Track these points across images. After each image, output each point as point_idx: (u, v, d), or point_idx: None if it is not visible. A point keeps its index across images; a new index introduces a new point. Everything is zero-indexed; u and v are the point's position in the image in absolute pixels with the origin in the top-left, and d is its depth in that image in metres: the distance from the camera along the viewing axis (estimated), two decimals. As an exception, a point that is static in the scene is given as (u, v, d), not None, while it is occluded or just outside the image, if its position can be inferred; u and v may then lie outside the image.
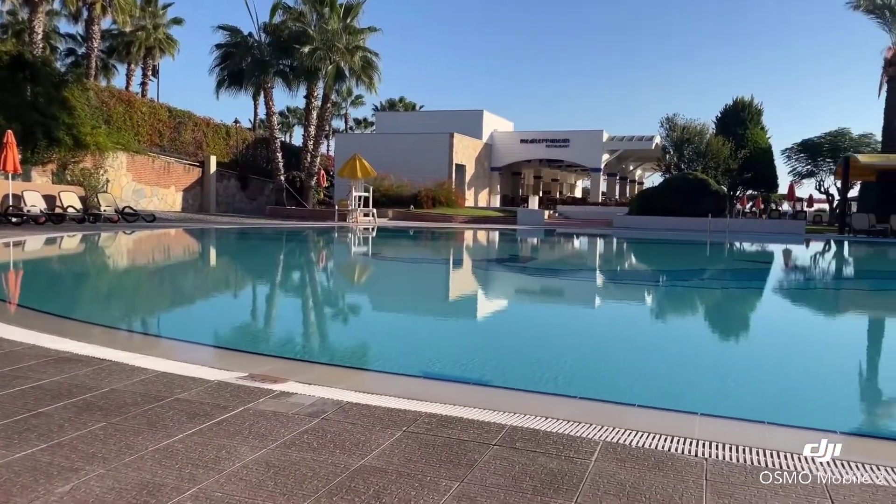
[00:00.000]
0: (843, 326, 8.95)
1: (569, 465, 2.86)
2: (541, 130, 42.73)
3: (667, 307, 9.99)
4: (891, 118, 32.32)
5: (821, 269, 17.24)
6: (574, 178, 60.07)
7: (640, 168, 55.76)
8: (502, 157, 43.04)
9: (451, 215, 31.66)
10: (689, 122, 36.92)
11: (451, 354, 5.77)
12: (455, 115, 41.80)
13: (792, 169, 45.98)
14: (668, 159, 38.05)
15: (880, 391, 5.40)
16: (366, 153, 30.97)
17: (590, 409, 3.99)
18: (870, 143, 41.14)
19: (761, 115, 40.70)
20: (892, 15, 31.80)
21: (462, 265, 16.45)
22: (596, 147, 41.14)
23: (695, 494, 2.61)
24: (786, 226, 31.59)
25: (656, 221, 29.24)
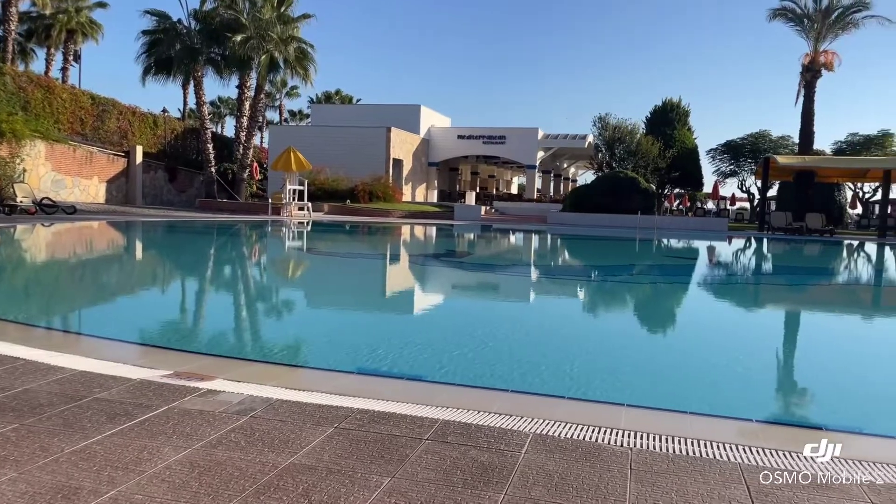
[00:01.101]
0: (760, 319, 9.40)
1: (499, 457, 2.90)
2: (478, 127, 43.04)
3: (598, 302, 10.25)
4: (807, 122, 34.13)
5: (741, 265, 18.05)
6: (510, 174, 60.83)
7: (573, 166, 56.94)
8: (440, 153, 43.13)
9: (388, 210, 31.51)
10: (620, 121, 37.94)
11: (386, 350, 5.75)
12: (392, 109, 41.59)
13: (716, 168, 48.01)
14: (601, 158, 38.99)
15: (795, 381, 5.70)
16: (301, 146, 30.45)
17: (522, 402, 4.05)
18: (788, 144, 43.32)
19: (688, 117, 42.22)
20: (809, 23, 33.51)
21: (399, 260, 16.41)
22: (531, 144, 41.76)
23: (619, 483, 2.68)
24: (710, 223, 32.91)
25: (589, 218, 29.93)
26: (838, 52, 33.86)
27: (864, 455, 3.34)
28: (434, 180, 44.13)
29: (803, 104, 34.12)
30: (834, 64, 33.61)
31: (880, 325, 9.38)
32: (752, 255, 21.09)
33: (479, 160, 48.15)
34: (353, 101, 62.57)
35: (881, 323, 9.56)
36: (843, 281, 14.72)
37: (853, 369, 5.92)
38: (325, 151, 34.70)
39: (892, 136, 43.27)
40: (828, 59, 33.36)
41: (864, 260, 20.26)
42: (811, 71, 33.54)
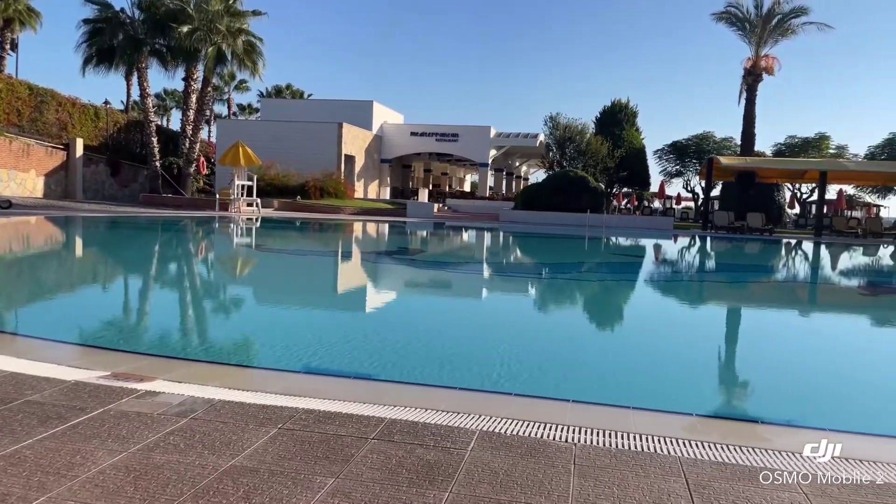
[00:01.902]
0: (702, 315, 9.68)
1: (445, 455, 2.90)
2: (431, 124, 43.01)
3: (547, 299, 10.37)
4: (748, 124, 35.27)
5: (686, 263, 18.55)
6: (463, 172, 61.03)
7: (525, 164, 57.50)
8: (392, 150, 42.94)
9: (339, 207, 31.20)
10: (570, 121, 38.49)
11: (333, 349, 5.69)
12: (345, 104, 41.19)
13: (663, 168, 49.23)
14: (552, 156, 39.47)
15: (733, 376, 5.88)
16: (250, 141, 29.87)
17: (469, 400, 4.06)
18: (730, 146, 44.70)
19: (636, 117, 43.10)
20: (750, 28, 34.61)
21: (349, 258, 16.27)
22: (484, 143, 41.97)
23: (563, 479, 2.71)
24: (656, 222, 33.69)
25: (540, 216, 30.27)
26: (778, 57, 35.15)
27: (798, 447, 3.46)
28: (387, 177, 43.93)
29: (745, 107, 35.25)
30: (774, 68, 34.84)
31: (816, 320, 9.77)
32: (695, 254, 21.69)
33: (433, 157, 48.17)
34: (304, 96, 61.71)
35: (817, 318, 9.95)
36: (781, 278, 15.28)
37: (790, 363, 6.15)
38: (276, 147, 34.13)
39: (828, 138, 45.17)
40: (768, 63, 34.55)
41: (801, 258, 21.08)
42: (753, 74, 34.67)
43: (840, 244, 26.10)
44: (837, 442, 3.76)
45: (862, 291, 12.98)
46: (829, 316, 10.15)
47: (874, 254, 22.83)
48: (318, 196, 32.36)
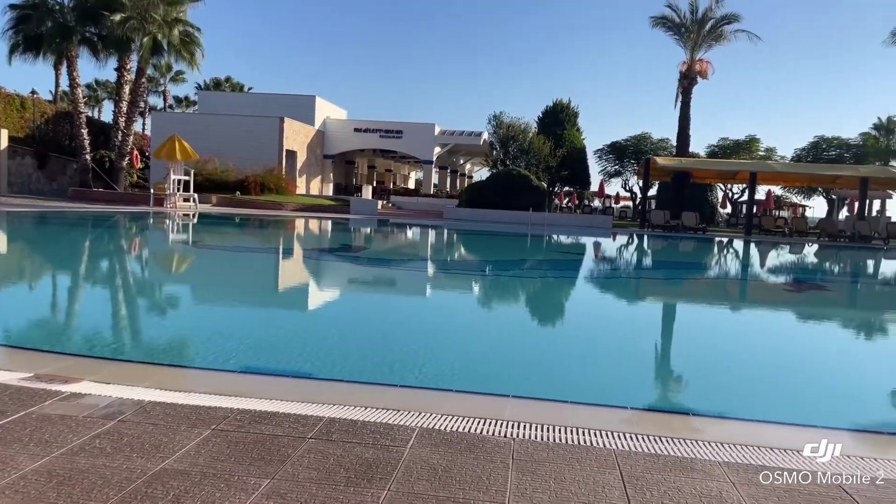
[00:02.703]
0: (639, 311, 9.94)
1: (384, 453, 2.88)
2: (375, 120, 42.70)
3: (489, 296, 10.45)
4: (684, 126, 36.37)
5: (623, 261, 19.01)
6: (407, 169, 60.88)
7: (469, 162, 57.77)
8: (335, 145, 42.43)
9: (280, 203, 30.63)
10: (514, 120, 38.85)
11: (272, 347, 5.58)
12: (286, 99, 40.45)
13: (602, 168, 50.29)
14: (495, 155, 39.78)
15: (667, 369, 6.05)
16: (187, 134, 28.99)
17: (410, 397, 4.05)
18: (667, 147, 46.02)
19: (577, 118, 43.86)
20: (686, 33, 35.71)
21: (290, 255, 16.00)
22: (428, 140, 41.95)
23: (501, 474, 2.73)
24: (596, 220, 34.41)
25: (483, 214, 30.48)
26: (712, 61, 36.36)
27: (727, 437, 3.59)
28: (329, 173, 43.38)
29: (681, 109, 36.33)
30: (708, 72, 36.02)
31: (745, 315, 10.17)
32: (633, 251, 22.26)
33: (377, 154, 47.83)
34: (244, 89, 60.28)
35: (746, 313, 10.36)
36: (714, 275, 15.84)
37: (721, 357, 6.38)
38: (214, 140, 33.23)
39: (758, 140, 47.05)
40: (703, 67, 35.71)
41: (733, 255, 21.90)
42: (688, 78, 35.77)
43: (768, 242, 27.25)
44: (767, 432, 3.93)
45: (788, 288, 13.59)
46: (758, 311, 10.57)
47: (800, 252, 23.94)
48: (258, 192, 31.68)
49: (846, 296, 13.32)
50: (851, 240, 28.22)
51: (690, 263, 18.71)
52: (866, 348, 7.91)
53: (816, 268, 19.31)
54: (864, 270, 19.09)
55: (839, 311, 10.82)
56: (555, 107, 43.11)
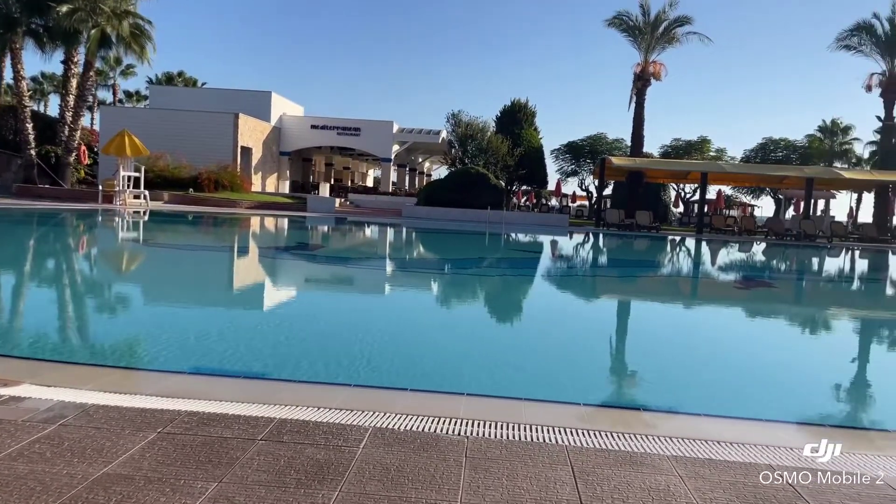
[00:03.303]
0: (594, 308, 10.09)
1: (336, 454, 2.84)
2: (332, 117, 42.30)
3: (448, 294, 10.46)
4: (638, 126, 37.01)
5: (580, 259, 19.27)
6: (366, 167, 60.51)
7: (428, 160, 57.78)
8: (292, 142, 41.89)
9: (235, 200, 30.08)
10: (472, 119, 39.00)
11: (223, 348, 5.46)
12: (241, 94, 39.75)
13: (559, 168, 50.87)
14: (454, 153, 39.86)
15: (621, 366, 6.15)
16: (138, 129, 28.25)
17: (364, 396, 4.01)
18: (622, 147, 46.82)
19: (534, 117, 44.27)
20: (640, 35, 36.35)
21: (246, 253, 15.73)
22: (386, 138, 41.78)
23: (454, 472, 2.73)
24: (553, 219, 34.82)
25: (442, 212, 30.52)
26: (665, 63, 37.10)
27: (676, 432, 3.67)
28: (286, 170, 42.81)
29: (635, 110, 36.95)
30: (661, 73, 36.72)
31: (696, 312, 10.41)
32: (588, 250, 22.59)
33: (334, 151, 47.39)
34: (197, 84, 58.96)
35: (697, 310, 10.61)
36: (666, 273, 16.19)
37: (672, 353, 6.51)
38: (166, 136, 32.45)
39: (709, 141, 48.27)
40: (656, 68, 36.40)
41: (685, 254, 22.42)
42: (642, 79, 36.42)
43: (718, 241, 27.98)
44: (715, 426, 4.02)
45: (737, 285, 13.96)
46: (708, 308, 10.84)
47: (748, 250, 24.65)
48: (212, 189, 31.06)
49: (792, 293, 13.77)
50: (797, 238, 29.19)
51: (644, 262, 19.08)
52: (810, 343, 8.19)
53: (764, 266, 19.91)
54: (809, 268, 19.77)
55: (785, 308, 11.17)
56: (513, 106, 43.42)
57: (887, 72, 33.83)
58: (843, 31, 34.82)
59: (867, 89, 34.80)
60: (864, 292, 14.70)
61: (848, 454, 3.50)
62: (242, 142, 35.75)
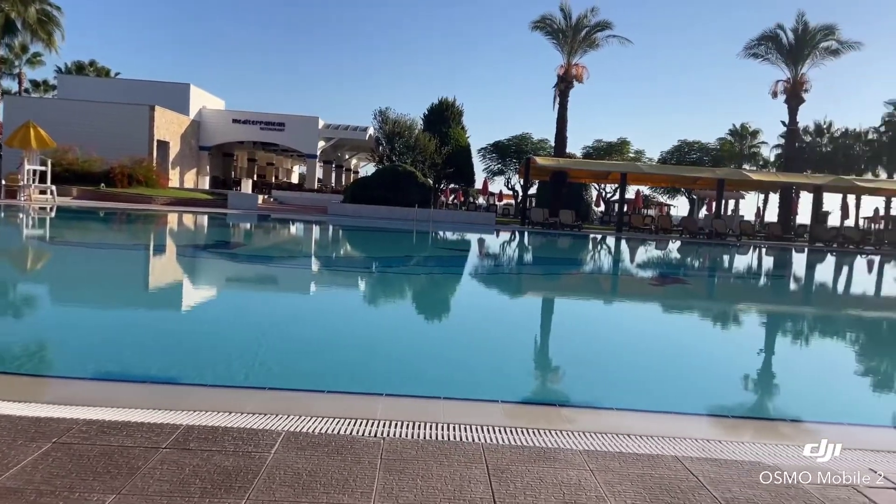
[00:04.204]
0: (517, 306, 10.24)
1: (246, 460, 2.75)
2: (255, 111, 41.21)
3: (371, 293, 10.37)
4: (561, 127, 37.87)
5: (505, 257, 19.53)
6: (291, 163, 59.30)
7: (355, 157, 57.18)
8: (212, 137, 40.56)
9: (151, 196, 28.84)
10: (400, 116, 38.87)
11: (128, 352, 5.21)
12: (157, 86, 38.17)
13: (486, 167, 51.47)
14: (381, 150, 39.62)
15: (541, 362, 6.26)
16: (45, 121, 26.65)
17: (278, 400, 3.91)
18: (546, 147, 47.82)
19: (462, 116, 44.55)
20: (563, 38, 37.19)
21: (160, 252, 15.11)
22: (312, 133, 41.08)
23: (368, 475, 2.69)
24: (480, 217, 35.15)
25: (369, 209, 30.27)
26: (587, 67, 38.11)
27: (590, 427, 3.75)
28: (206, 166, 41.39)
29: (558, 111, 37.80)
30: (583, 76, 37.72)
31: (614, 309, 10.74)
32: (514, 248, 22.93)
33: (257, 147, 46.21)
34: (110, 74, 56.21)
35: (615, 307, 10.94)
36: (586, 270, 16.64)
37: (589, 349, 6.68)
38: (75, 129, 30.77)
39: (628, 143, 49.98)
40: (578, 71, 37.35)
41: (605, 252, 23.10)
42: (565, 81, 37.28)
43: (637, 239, 28.99)
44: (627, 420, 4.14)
45: (653, 282, 14.50)
46: (625, 305, 11.21)
47: (664, 248, 25.66)
48: (125, 184, 29.66)
49: (704, 289, 14.42)
50: (709, 237, 30.59)
51: (566, 260, 19.53)
52: (719, 338, 8.58)
53: (679, 263, 20.77)
54: (720, 265, 20.75)
55: (697, 304, 11.68)
56: (440, 105, 43.54)
57: (791, 79, 35.93)
58: (751, 40, 36.76)
59: (773, 96, 36.85)
60: (769, 288, 15.56)
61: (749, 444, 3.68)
62: (159, 135, 34.35)
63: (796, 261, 24.04)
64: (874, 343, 9.11)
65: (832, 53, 35.46)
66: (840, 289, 16.44)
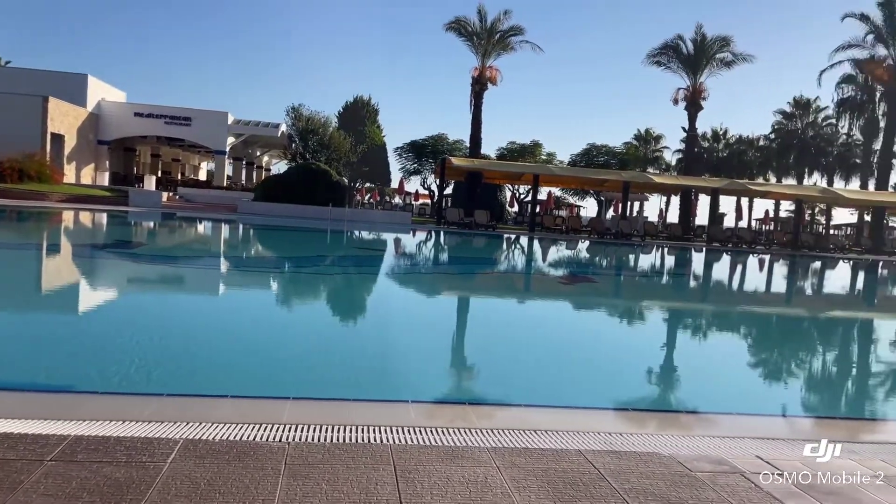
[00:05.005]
0: (427, 305, 10.27)
1: (139, 471, 2.61)
2: (159, 105, 39.39)
3: (281, 294, 10.13)
4: (476, 129, 38.43)
5: (421, 256, 19.58)
6: (198, 159, 57.01)
7: (267, 154, 55.69)
8: (113, 131, 38.42)
9: (44, 193, 27.02)
10: (313, 113, 38.23)
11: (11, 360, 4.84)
12: (52, 76, 35.78)
13: (402, 166, 51.41)
14: (294, 148, 38.83)
15: (452, 360, 6.30)
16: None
17: (177, 406, 3.74)
18: (462, 148, 48.29)
19: (378, 115, 44.51)
20: (477, 40, 37.73)
21: (54, 251, 14.16)
22: (221, 129, 39.68)
23: (271, 481, 2.62)
24: (396, 216, 35.10)
25: (281, 208, 29.58)
26: (501, 69, 38.84)
27: (498, 424, 3.81)
28: (105, 161, 39.17)
29: (473, 112, 38.32)
30: (497, 79, 38.43)
31: (525, 307, 10.97)
32: (430, 247, 23.02)
33: (162, 141, 44.17)
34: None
35: (526, 305, 11.18)
36: (499, 270, 16.92)
37: (500, 348, 6.78)
38: (-43, 118, 28.41)
39: (541, 145, 51.22)
40: (492, 74, 38.01)
41: (518, 251, 23.59)
42: (479, 83, 37.84)
43: (548, 239, 29.77)
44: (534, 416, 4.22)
45: (562, 281, 14.93)
46: (535, 303, 11.47)
47: (574, 248, 26.48)
48: (15, 180, 27.66)
49: (611, 287, 14.98)
50: (616, 237, 31.83)
51: (480, 259, 19.81)
52: (624, 334, 8.93)
53: (587, 262, 21.49)
54: (626, 264, 21.62)
55: (604, 301, 12.11)
56: (356, 102, 43.25)
57: (691, 87, 37.93)
58: (653, 49, 38.56)
59: (675, 103, 38.82)
60: (671, 286, 16.35)
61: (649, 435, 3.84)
62: (53, 128, 32.23)
63: (695, 260, 25.39)
64: (764, 336, 9.74)
65: (727, 64, 37.74)
66: (735, 286, 17.49)
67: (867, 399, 6.24)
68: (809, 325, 11.23)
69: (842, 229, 53.96)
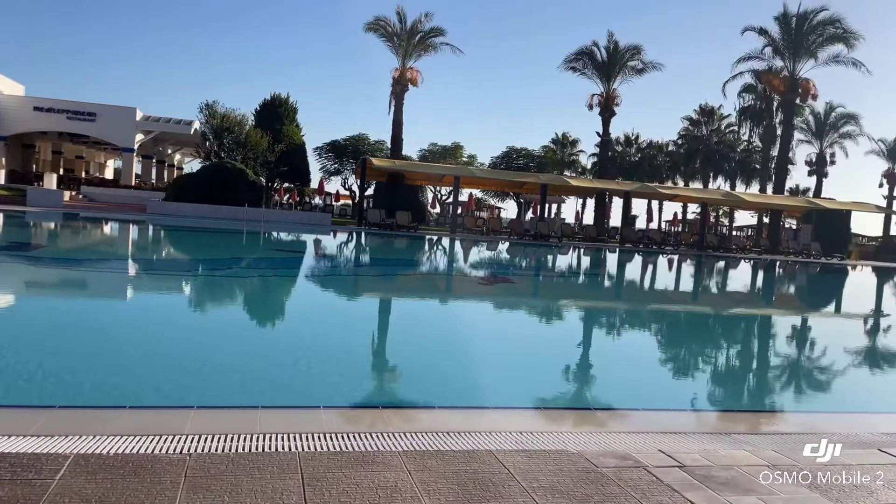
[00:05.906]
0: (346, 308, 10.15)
1: (25, 489, 2.43)
2: (61, 99, 37.14)
3: (192, 297, 9.75)
4: (397, 129, 38.37)
5: (340, 258, 19.34)
6: (104, 157, 54.18)
7: (179, 153, 53.57)
8: (9, 125, 35.94)
9: (-72, 191, 25.01)
10: (229, 110, 37.02)
11: None
12: (-63, 64, 33.13)
13: (322, 166, 50.69)
14: (208, 146, 37.48)
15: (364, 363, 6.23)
16: None
17: (69, 419, 3.51)
18: (383, 149, 48.12)
19: (296, 114, 43.39)
20: (398, 41, 37.69)
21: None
22: (128, 125, 37.83)
23: (169, 495, 2.50)
24: (315, 217, 34.53)
25: (193, 208, 28.52)
26: (422, 71, 38.95)
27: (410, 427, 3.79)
28: (1, 158, 36.61)
29: (394, 113, 38.25)
30: (418, 80, 38.50)
31: (445, 308, 11.02)
32: (350, 249, 22.78)
33: (64, 137, 41.66)
34: None
35: (446, 306, 11.24)
36: (421, 271, 16.95)
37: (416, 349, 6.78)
38: None
39: (462, 147, 51.80)
40: (413, 75, 38.05)
41: (440, 252, 23.70)
42: (400, 84, 37.80)
43: (470, 240, 30.09)
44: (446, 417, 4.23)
45: (482, 281, 15.10)
46: (454, 304, 11.55)
47: (494, 249, 26.88)
48: None
49: (529, 287, 15.28)
50: (535, 238, 32.52)
51: (401, 260, 19.77)
52: (542, 333, 9.12)
53: (507, 263, 21.85)
54: (544, 265, 22.12)
55: (522, 301, 12.33)
56: (273, 101, 42.09)
57: (604, 93, 39.27)
58: (569, 55, 39.69)
59: (589, 108, 40.07)
60: (586, 285, 16.86)
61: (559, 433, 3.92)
62: (-61, 120, 29.83)
63: (609, 260, 26.29)
64: (672, 333, 10.18)
65: (638, 72, 39.33)
66: (645, 285, 18.21)
67: (766, 392, 6.62)
68: (714, 322, 11.83)
69: (743, 231, 57.30)
